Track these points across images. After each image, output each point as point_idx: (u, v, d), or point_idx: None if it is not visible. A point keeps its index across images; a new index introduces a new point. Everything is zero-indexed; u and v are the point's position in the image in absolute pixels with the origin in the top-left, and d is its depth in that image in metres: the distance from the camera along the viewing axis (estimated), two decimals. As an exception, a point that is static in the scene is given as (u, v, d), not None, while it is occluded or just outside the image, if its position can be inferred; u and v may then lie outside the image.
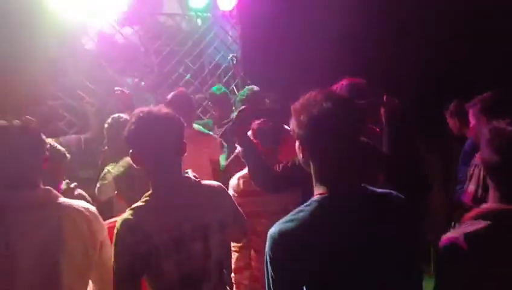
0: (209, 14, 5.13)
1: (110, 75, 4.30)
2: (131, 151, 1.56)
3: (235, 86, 5.24)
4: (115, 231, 1.51)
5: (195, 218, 1.58)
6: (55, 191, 1.57)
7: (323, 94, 1.27)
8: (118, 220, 1.53)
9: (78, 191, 2.40)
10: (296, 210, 1.24)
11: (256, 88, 3.49)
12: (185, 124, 1.66)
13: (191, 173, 1.67)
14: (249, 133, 2.24)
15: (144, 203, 1.55)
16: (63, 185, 2.21)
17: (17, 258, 1.41)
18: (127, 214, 1.53)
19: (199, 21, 5.20)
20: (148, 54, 4.65)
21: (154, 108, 1.58)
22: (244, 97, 3.43)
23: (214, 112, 4.41)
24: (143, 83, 4.69)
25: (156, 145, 1.53)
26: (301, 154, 1.31)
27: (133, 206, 1.55)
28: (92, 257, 1.58)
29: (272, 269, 1.21)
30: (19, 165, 1.49)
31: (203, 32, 5.14)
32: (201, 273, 1.59)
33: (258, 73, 4.22)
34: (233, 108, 3.96)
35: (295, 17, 4.57)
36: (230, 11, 5.11)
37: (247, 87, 3.54)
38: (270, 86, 3.61)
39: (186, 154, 1.63)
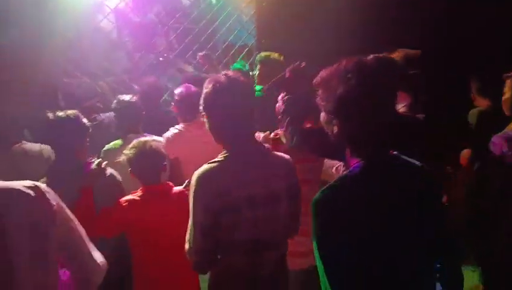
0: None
1: (127, 52, 4.25)
2: (208, 115, 1.58)
3: (250, 64, 5.20)
4: (192, 185, 1.52)
5: (267, 182, 1.59)
6: None
7: (357, 65, 1.19)
8: (195, 174, 1.54)
9: (110, 170, 2.24)
10: (341, 176, 1.24)
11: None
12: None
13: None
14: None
15: (221, 160, 1.56)
16: (94, 165, 2.07)
17: None
18: (204, 169, 1.54)
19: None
20: (167, 31, 4.57)
21: (229, 73, 1.58)
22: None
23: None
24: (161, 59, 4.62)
25: (235, 109, 1.55)
26: (335, 128, 1.23)
27: (210, 161, 1.57)
28: (48, 235, 1.23)
29: (321, 229, 1.19)
30: None
31: (217, 10, 5.08)
32: (269, 237, 1.60)
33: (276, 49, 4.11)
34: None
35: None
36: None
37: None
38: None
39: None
